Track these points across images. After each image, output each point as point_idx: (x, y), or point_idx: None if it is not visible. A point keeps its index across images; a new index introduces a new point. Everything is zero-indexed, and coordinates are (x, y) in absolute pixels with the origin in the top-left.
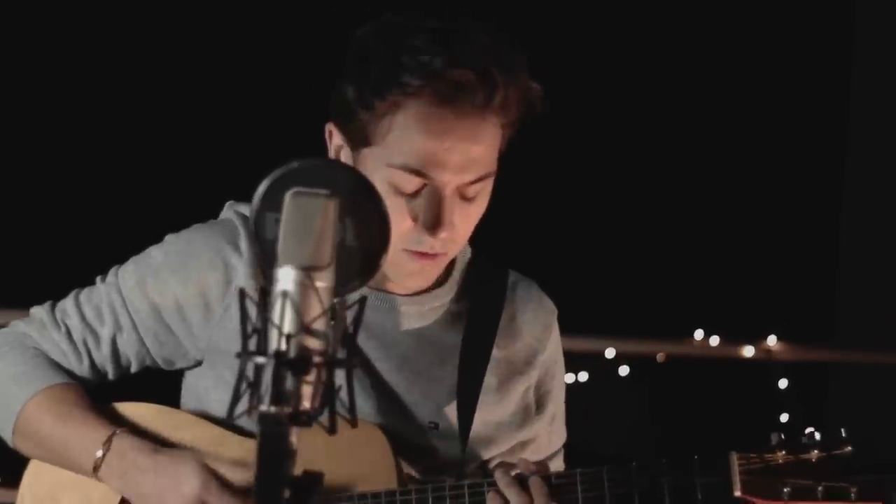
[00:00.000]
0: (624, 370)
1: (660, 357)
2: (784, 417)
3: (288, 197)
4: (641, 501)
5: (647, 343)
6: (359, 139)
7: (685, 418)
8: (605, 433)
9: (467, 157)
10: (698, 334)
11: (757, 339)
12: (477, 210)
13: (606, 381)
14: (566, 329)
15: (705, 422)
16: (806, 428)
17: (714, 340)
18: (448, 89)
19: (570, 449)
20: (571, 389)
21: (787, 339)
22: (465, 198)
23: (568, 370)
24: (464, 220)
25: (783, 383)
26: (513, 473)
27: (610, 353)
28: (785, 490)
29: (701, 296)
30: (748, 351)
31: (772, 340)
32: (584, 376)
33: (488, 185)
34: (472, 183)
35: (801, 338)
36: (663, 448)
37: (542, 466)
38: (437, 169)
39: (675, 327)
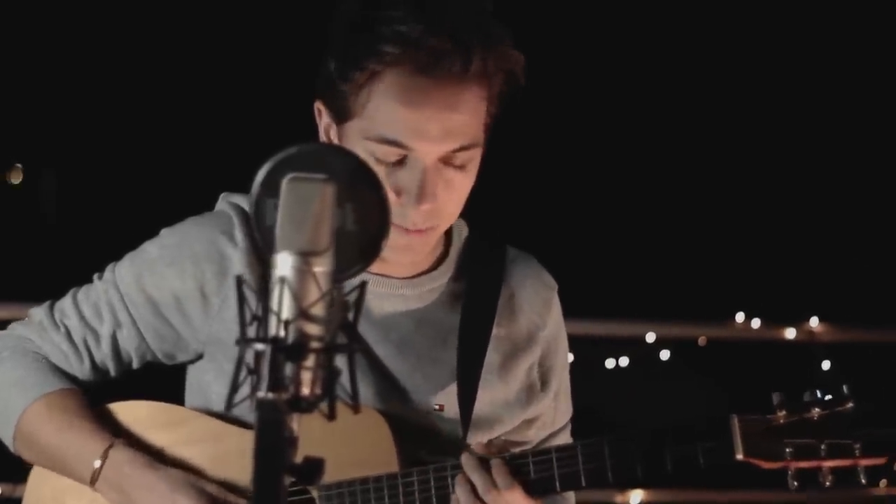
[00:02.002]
0: (665, 354)
1: (701, 340)
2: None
3: (285, 182)
4: (644, 470)
5: (688, 326)
6: (341, 113)
7: (727, 402)
8: (647, 417)
9: (446, 126)
10: (739, 317)
11: (799, 320)
12: (463, 182)
13: (647, 365)
14: (607, 314)
15: (748, 405)
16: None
17: (755, 323)
18: (425, 58)
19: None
20: (613, 374)
21: (830, 321)
22: (448, 168)
23: (609, 355)
24: (449, 192)
25: (826, 365)
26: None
27: (651, 337)
28: (787, 450)
29: (742, 278)
30: (790, 333)
31: (814, 322)
32: (624, 361)
33: (475, 157)
34: (454, 152)
35: (846, 319)
36: None
37: (501, 446)
38: (416, 139)
39: (716, 310)
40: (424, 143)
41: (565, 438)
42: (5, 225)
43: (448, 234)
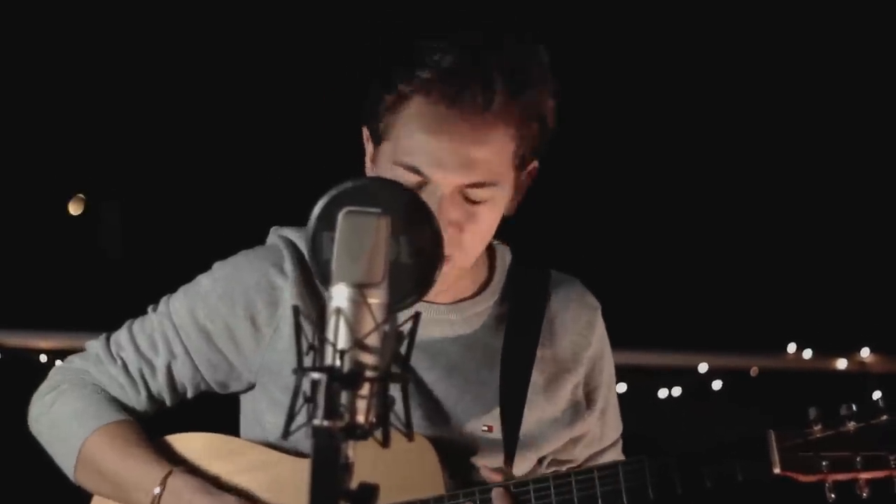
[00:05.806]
0: (717, 384)
1: (753, 371)
2: None
3: (341, 216)
4: (684, 487)
5: (740, 357)
6: (376, 136)
7: None
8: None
9: (465, 158)
10: (791, 348)
11: (850, 351)
12: (484, 218)
13: (699, 395)
14: (660, 344)
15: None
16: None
17: (807, 354)
18: (450, 88)
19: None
20: (665, 404)
21: (882, 351)
22: (468, 201)
23: (661, 385)
24: (471, 224)
25: (877, 395)
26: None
27: (703, 367)
28: (824, 463)
29: (794, 309)
30: (842, 364)
31: (865, 352)
32: (677, 391)
33: (496, 195)
34: (473, 187)
35: None
36: None
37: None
38: (433, 167)
39: (767, 341)
40: (442, 172)
41: (615, 455)
42: (65, 255)
43: (492, 260)
